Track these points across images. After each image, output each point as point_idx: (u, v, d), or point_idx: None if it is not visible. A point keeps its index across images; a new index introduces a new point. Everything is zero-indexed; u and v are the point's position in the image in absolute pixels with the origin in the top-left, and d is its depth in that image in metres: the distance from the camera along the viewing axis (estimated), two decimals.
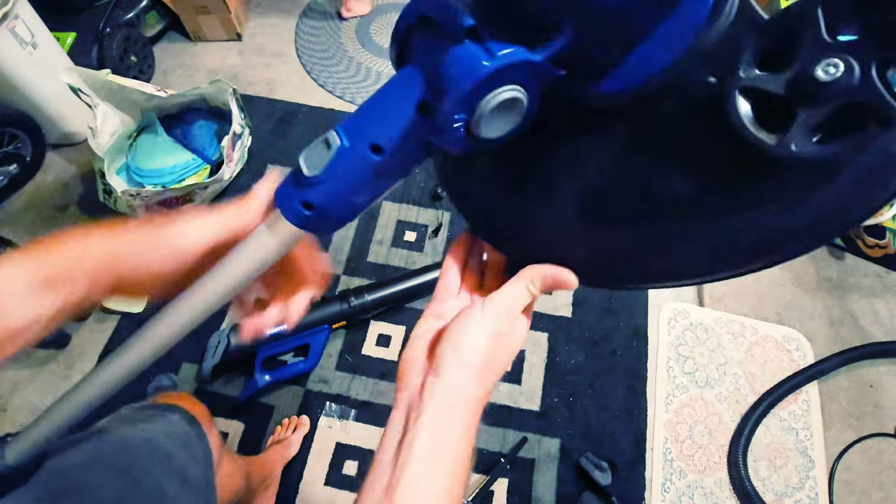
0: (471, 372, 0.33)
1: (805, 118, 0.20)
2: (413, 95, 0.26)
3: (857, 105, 0.19)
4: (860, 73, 0.18)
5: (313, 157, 0.29)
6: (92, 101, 1.34)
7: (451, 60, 0.23)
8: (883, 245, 1.60)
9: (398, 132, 0.26)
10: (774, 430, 1.29)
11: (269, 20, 1.95)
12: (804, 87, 0.19)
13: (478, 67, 0.22)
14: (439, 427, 0.31)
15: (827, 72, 0.19)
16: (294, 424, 1.21)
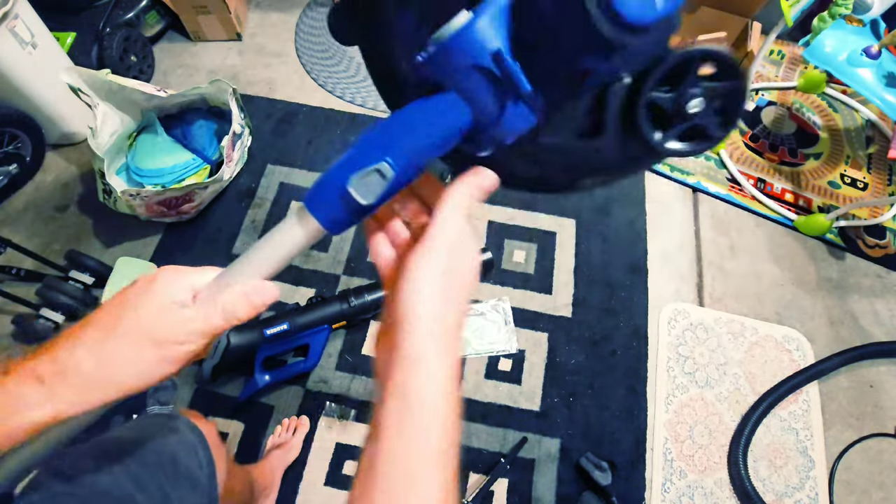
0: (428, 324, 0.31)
1: (676, 128, 0.32)
2: (462, 127, 0.31)
3: (701, 126, 0.32)
4: (706, 109, 0.31)
5: (366, 186, 0.31)
6: (92, 101, 1.34)
7: (510, 113, 0.30)
8: (883, 245, 1.60)
9: (441, 153, 0.32)
10: (774, 430, 1.29)
11: (269, 20, 1.95)
12: (681, 110, 0.31)
13: (528, 123, 0.31)
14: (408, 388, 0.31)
15: (693, 105, 0.31)
16: (294, 425, 1.21)
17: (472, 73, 0.29)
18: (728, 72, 0.31)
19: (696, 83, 0.31)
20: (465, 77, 0.30)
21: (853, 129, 1.82)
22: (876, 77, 1.31)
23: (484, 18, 0.29)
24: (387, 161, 0.30)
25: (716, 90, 0.31)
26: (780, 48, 1.99)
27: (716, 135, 0.32)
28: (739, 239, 1.57)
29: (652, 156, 0.36)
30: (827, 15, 1.27)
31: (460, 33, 0.29)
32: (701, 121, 0.32)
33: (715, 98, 0.31)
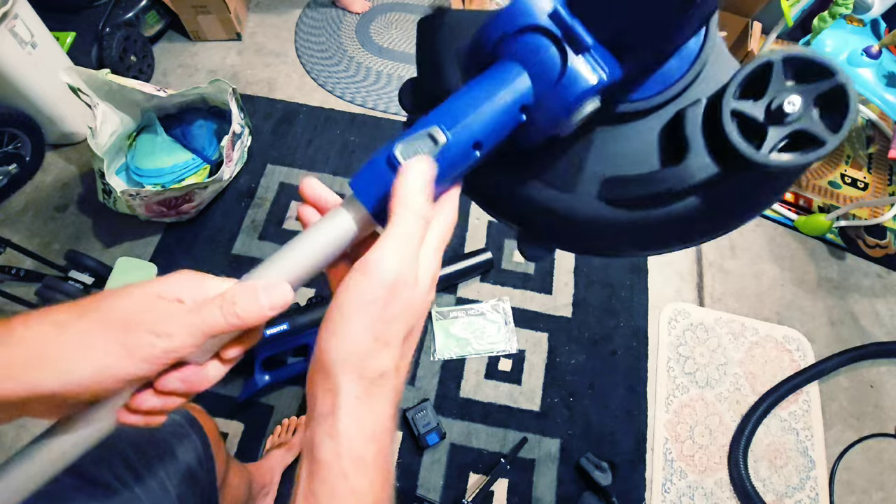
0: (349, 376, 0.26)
1: (773, 136, 0.27)
2: (521, 98, 0.28)
3: (804, 131, 0.27)
4: (805, 108, 0.27)
5: (414, 150, 0.27)
6: (91, 100, 1.34)
7: (572, 72, 0.27)
8: (884, 245, 1.60)
9: (501, 131, 0.28)
10: (775, 431, 1.29)
11: (268, 20, 1.95)
12: (776, 114, 0.27)
13: (593, 79, 0.27)
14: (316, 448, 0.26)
15: (791, 104, 0.27)
16: (294, 425, 1.21)
17: (529, 36, 0.28)
18: (821, 72, 0.27)
19: (785, 88, 0.28)
20: (524, 41, 0.28)
21: (853, 128, 1.82)
22: (876, 77, 1.31)
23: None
24: (439, 125, 0.27)
25: (814, 90, 0.27)
26: (781, 48, 1.99)
27: (828, 138, 0.27)
28: (740, 239, 1.56)
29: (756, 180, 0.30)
30: (827, 15, 1.27)
31: (509, 6, 0.28)
32: (804, 124, 0.27)
33: (815, 99, 0.27)
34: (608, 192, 0.32)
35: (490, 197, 0.37)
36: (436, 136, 0.27)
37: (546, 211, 0.34)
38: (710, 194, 0.30)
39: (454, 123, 0.27)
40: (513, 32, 0.28)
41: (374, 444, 0.26)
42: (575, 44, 0.27)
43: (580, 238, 0.36)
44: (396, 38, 1.93)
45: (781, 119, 0.27)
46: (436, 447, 1.22)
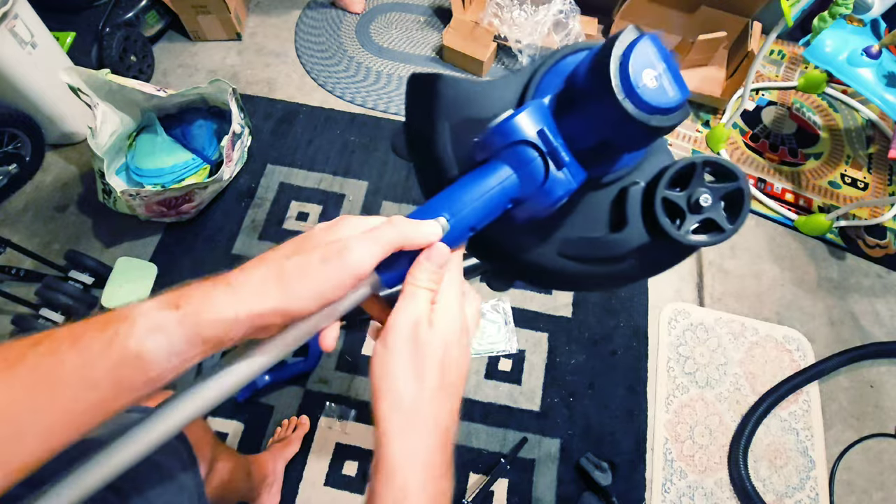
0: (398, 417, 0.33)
1: (690, 221, 0.38)
2: (509, 194, 0.36)
3: (712, 220, 0.38)
4: (714, 202, 0.38)
5: None
6: (91, 100, 1.34)
7: (552, 181, 0.35)
8: (884, 245, 1.60)
9: (492, 217, 0.37)
10: (775, 431, 1.29)
11: (268, 20, 1.95)
12: (694, 205, 0.38)
13: (571, 187, 0.36)
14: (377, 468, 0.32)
15: (705, 200, 0.38)
16: (294, 425, 1.21)
17: (520, 147, 0.35)
18: (729, 175, 0.38)
19: (703, 184, 0.38)
20: (514, 151, 0.36)
21: (853, 128, 1.82)
22: (876, 77, 1.31)
23: (529, 109, 0.36)
24: (444, 215, 0.35)
25: (721, 190, 0.38)
26: (781, 48, 1.99)
27: (727, 227, 0.38)
28: (740, 239, 1.56)
29: (674, 250, 0.41)
30: (827, 15, 1.27)
31: (510, 117, 0.35)
32: (712, 214, 0.38)
33: (722, 196, 0.38)
34: (566, 249, 0.43)
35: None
36: (441, 225, 0.35)
37: (516, 259, 0.44)
38: (640, 255, 0.41)
39: (456, 213, 0.35)
40: (508, 144, 0.35)
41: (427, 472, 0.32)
42: (556, 160, 0.35)
43: (542, 280, 0.47)
44: (396, 38, 1.93)
45: (698, 209, 0.38)
46: None
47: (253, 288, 0.31)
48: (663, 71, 0.33)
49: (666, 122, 0.33)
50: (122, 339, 0.28)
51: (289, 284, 0.31)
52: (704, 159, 0.38)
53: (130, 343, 0.28)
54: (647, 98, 0.31)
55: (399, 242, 0.33)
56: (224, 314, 0.30)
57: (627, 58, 0.31)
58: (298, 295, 0.31)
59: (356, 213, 1.54)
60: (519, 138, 0.35)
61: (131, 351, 0.28)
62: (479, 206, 0.36)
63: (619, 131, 0.34)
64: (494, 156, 0.36)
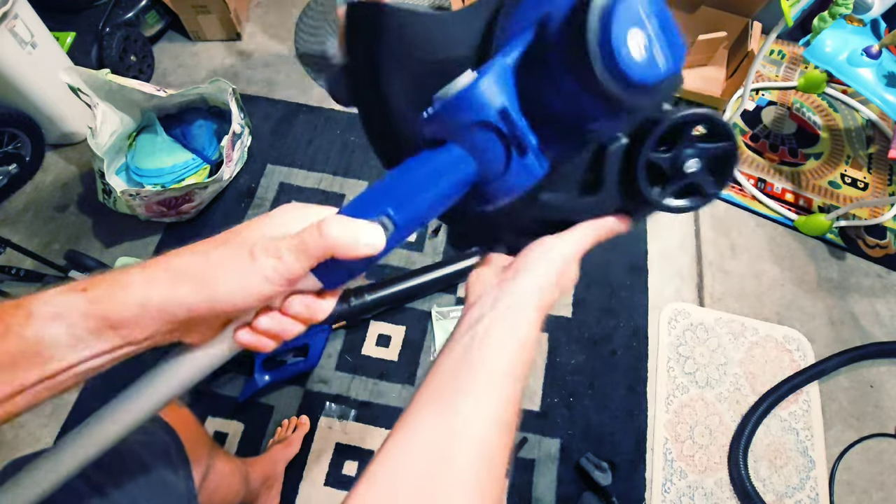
0: (548, 282, 0.35)
1: (672, 185, 0.35)
2: (466, 182, 0.31)
3: (697, 184, 0.34)
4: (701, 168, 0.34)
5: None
6: (91, 100, 1.34)
7: (516, 167, 0.31)
8: (884, 245, 1.60)
9: (443, 209, 0.32)
10: (775, 431, 1.29)
11: (268, 20, 1.95)
12: (678, 170, 0.34)
13: (534, 177, 0.31)
14: (512, 315, 0.33)
15: (690, 165, 0.33)
16: (294, 425, 1.21)
17: (478, 129, 0.30)
18: (720, 134, 0.33)
19: (692, 144, 0.33)
20: (471, 133, 0.30)
21: (853, 128, 1.82)
22: (876, 77, 1.31)
23: (488, 77, 0.29)
24: (388, 213, 0.29)
25: (709, 151, 0.34)
26: (781, 48, 1.99)
27: (710, 192, 0.34)
28: (740, 239, 1.56)
29: (648, 209, 0.38)
30: (827, 15, 1.27)
31: (465, 91, 0.29)
32: (696, 179, 0.34)
33: (709, 158, 0.34)
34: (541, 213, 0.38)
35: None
36: (385, 225, 0.29)
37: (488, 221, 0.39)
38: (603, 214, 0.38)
39: (402, 208, 0.30)
40: (463, 124, 0.30)
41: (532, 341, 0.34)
42: (519, 146, 0.30)
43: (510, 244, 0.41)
44: None
45: (682, 174, 0.34)
46: None
47: (170, 275, 0.28)
48: (654, 31, 0.26)
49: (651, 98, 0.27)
50: (18, 328, 0.26)
51: (210, 277, 0.28)
52: (696, 116, 0.32)
53: (27, 332, 0.26)
54: (634, 73, 0.25)
55: (331, 253, 0.29)
56: (133, 299, 0.27)
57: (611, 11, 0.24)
58: (220, 289, 0.28)
59: None
60: (476, 119, 0.29)
61: (28, 340, 0.26)
62: (430, 199, 0.30)
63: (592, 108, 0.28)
64: (447, 136, 0.31)
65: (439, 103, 0.30)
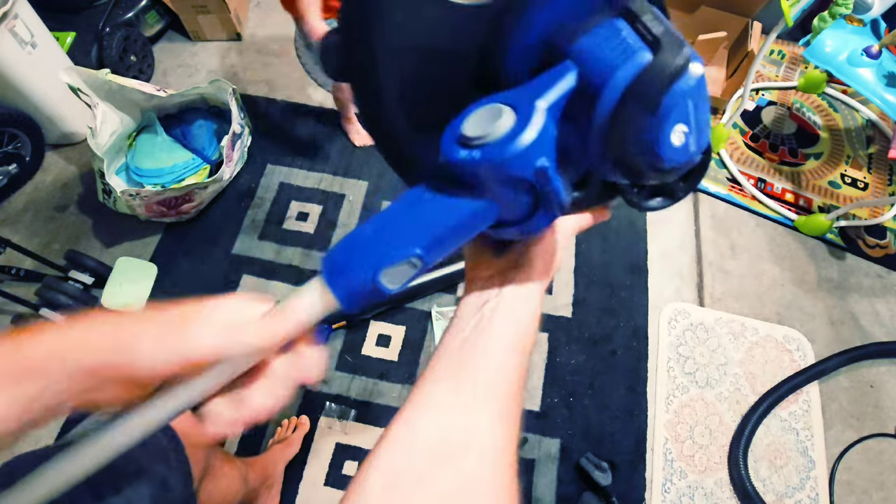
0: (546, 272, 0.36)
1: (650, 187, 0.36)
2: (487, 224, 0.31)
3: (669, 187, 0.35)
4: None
5: (396, 276, 0.31)
6: (91, 100, 1.34)
7: (539, 217, 0.31)
8: (884, 245, 1.60)
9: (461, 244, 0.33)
10: (775, 431, 1.29)
11: (268, 20, 1.95)
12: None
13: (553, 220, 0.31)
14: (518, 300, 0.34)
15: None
16: (294, 425, 1.21)
17: (512, 183, 0.29)
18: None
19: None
20: (504, 186, 0.29)
21: (853, 128, 1.82)
22: (876, 77, 1.31)
23: (532, 128, 0.27)
24: (417, 254, 0.30)
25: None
26: (781, 48, 1.99)
27: (680, 196, 0.36)
28: (740, 239, 1.56)
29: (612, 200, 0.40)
30: (827, 15, 1.27)
31: (506, 142, 0.28)
32: (670, 184, 0.36)
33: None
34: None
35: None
36: (415, 264, 0.30)
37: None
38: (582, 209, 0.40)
39: (430, 251, 0.30)
40: (501, 178, 0.29)
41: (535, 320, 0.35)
42: (548, 203, 0.30)
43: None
44: None
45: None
46: None
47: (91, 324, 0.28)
48: (694, 122, 0.27)
49: (672, 176, 0.28)
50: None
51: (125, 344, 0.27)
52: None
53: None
54: (670, 158, 0.26)
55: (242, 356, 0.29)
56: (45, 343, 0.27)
57: (669, 110, 0.25)
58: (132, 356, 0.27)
59: (356, 212, 1.54)
60: (515, 175, 0.28)
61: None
62: (455, 242, 0.31)
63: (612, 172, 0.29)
64: (476, 181, 0.30)
65: (479, 151, 0.28)
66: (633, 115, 0.26)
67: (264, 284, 1.41)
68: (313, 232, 1.50)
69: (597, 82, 0.27)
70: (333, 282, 0.31)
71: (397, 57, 0.34)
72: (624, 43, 0.27)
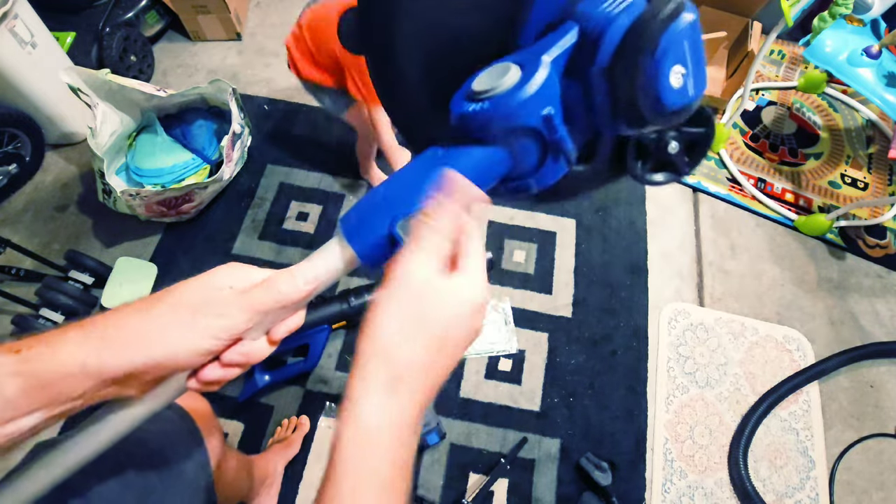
0: (381, 390, 0.28)
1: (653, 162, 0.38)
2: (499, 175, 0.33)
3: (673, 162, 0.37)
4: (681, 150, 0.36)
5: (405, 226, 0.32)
6: (91, 100, 1.34)
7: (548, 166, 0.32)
8: (884, 245, 1.60)
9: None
10: (775, 431, 1.29)
11: (268, 20, 1.95)
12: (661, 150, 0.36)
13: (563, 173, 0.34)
14: (339, 433, 0.29)
15: (673, 148, 0.36)
16: (294, 425, 1.21)
17: (520, 132, 0.30)
18: (703, 120, 0.36)
19: (675, 127, 0.36)
20: (512, 135, 0.30)
21: (853, 128, 1.82)
22: (876, 77, 1.31)
23: (536, 79, 0.29)
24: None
25: (689, 135, 0.37)
26: (781, 48, 1.99)
27: (685, 171, 0.38)
28: (740, 239, 1.56)
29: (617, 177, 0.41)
30: (827, 15, 1.27)
31: (515, 92, 0.29)
32: (674, 158, 0.37)
33: (688, 141, 0.37)
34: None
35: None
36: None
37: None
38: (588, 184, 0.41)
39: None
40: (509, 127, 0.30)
41: (395, 433, 0.28)
42: (556, 151, 0.31)
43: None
44: None
45: (664, 153, 0.37)
46: (436, 447, 1.22)
47: (107, 336, 0.28)
48: (691, 63, 0.28)
49: (673, 120, 0.30)
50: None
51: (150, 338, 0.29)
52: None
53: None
54: (670, 101, 0.28)
55: (279, 307, 0.31)
56: (64, 359, 0.27)
57: (666, 51, 0.27)
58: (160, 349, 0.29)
59: None
60: (522, 123, 0.30)
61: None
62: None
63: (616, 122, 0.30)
64: (487, 134, 0.31)
65: (489, 102, 0.30)
66: (633, 58, 0.27)
67: None
68: (313, 232, 1.50)
69: (597, 32, 0.29)
70: (352, 238, 0.32)
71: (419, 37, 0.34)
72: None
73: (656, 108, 0.28)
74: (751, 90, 1.73)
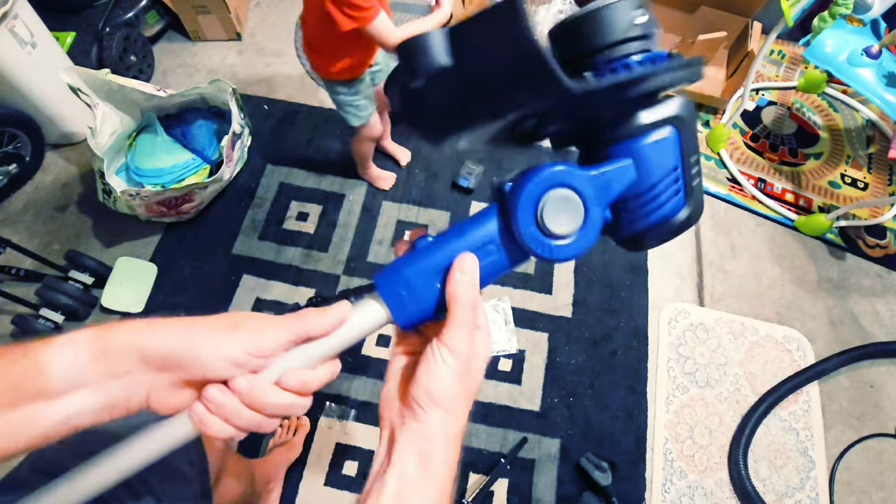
0: (442, 412, 0.34)
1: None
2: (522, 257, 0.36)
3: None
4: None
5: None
6: (91, 100, 1.34)
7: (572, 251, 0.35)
8: (884, 245, 1.60)
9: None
10: (775, 431, 1.29)
11: (268, 20, 1.95)
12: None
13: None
14: (409, 475, 0.33)
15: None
16: (294, 425, 1.21)
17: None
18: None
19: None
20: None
21: (853, 128, 1.82)
22: (876, 77, 1.31)
23: (594, 234, 0.35)
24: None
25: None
26: (781, 48, 1.99)
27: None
28: (740, 239, 1.56)
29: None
30: (827, 15, 1.27)
31: (586, 239, 0.35)
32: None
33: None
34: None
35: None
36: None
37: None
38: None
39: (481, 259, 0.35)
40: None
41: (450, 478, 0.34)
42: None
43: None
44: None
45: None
46: None
47: (158, 324, 0.33)
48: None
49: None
50: (35, 353, 0.30)
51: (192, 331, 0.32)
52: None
53: (41, 356, 0.30)
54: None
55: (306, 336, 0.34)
56: (125, 331, 0.32)
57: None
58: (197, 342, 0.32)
59: (356, 212, 1.54)
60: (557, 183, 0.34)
61: (38, 362, 0.30)
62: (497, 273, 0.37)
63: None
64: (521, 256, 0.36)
65: (573, 248, 0.34)
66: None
67: (264, 284, 1.41)
68: (313, 232, 1.50)
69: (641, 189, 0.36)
70: (392, 303, 0.35)
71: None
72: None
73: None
74: (751, 90, 1.73)
